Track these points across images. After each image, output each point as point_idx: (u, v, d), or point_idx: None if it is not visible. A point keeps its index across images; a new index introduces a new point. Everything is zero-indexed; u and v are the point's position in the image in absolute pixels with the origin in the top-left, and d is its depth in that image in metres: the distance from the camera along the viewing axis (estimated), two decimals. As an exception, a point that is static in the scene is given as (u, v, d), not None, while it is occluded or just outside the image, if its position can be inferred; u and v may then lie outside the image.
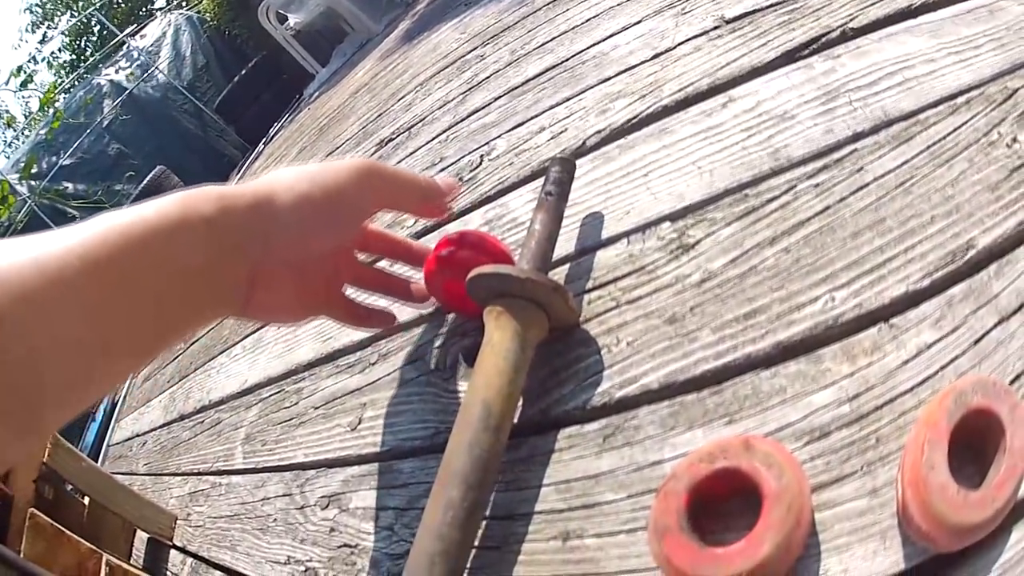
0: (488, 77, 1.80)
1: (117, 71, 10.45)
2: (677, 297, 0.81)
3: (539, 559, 0.72)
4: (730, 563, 0.53)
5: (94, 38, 16.14)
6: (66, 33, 16.38)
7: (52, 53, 16.32)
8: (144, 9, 15.32)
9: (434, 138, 1.74)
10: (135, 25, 12.31)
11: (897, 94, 0.84)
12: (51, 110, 10.22)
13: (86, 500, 1.64)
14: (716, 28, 1.17)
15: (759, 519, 0.54)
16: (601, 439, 0.75)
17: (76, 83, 11.88)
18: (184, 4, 12.39)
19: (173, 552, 1.57)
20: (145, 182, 6.73)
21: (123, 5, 15.29)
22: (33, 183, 8.35)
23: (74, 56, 16.47)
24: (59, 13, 17.09)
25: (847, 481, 0.58)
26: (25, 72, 12.45)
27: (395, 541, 0.90)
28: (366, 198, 0.84)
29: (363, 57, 4.34)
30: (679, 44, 1.21)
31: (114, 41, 11.61)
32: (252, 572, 1.18)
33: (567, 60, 1.49)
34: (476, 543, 0.77)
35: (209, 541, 1.39)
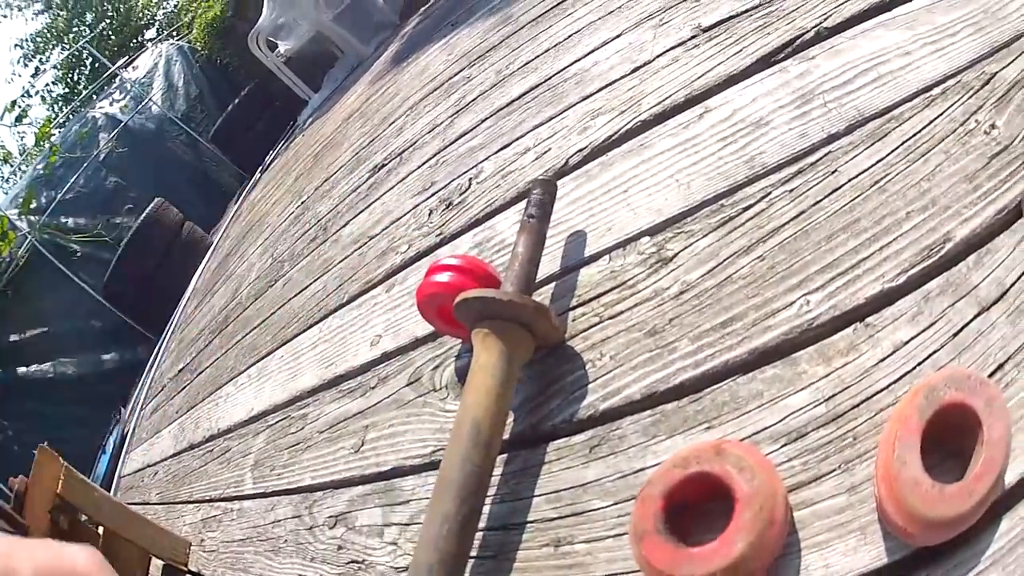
0: (475, 99, 1.82)
1: (111, 103, 10.45)
2: (656, 310, 0.83)
3: (533, 565, 0.75)
4: (706, 562, 0.54)
5: (86, 71, 16.14)
6: (58, 67, 16.37)
7: (45, 86, 16.34)
8: (135, 40, 15.32)
9: (424, 163, 1.76)
10: (127, 57, 12.30)
11: (872, 91, 0.85)
12: (47, 144, 10.22)
13: (100, 530, 1.62)
14: (693, 37, 1.19)
15: (731, 520, 0.55)
16: (588, 450, 0.77)
17: (70, 117, 11.88)
18: (175, 34, 12.41)
19: None
20: (144, 215, 6.73)
21: (114, 37, 15.30)
22: (32, 218, 8.34)
23: (67, 89, 16.48)
24: (50, 47, 17.08)
25: (825, 480, 0.59)
26: (19, 107, 12.40)
27: (400, 555, 0.92)
28: None
29: (354, 81, 4.39)
30: (657, 56, 1.23)
31: (107, 74, 11.58)
32: None
33: (550, 78, 1.51)
34: (474, 553, 0.79)
35: (223, 566, 1.41)
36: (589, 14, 1.61)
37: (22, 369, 6.79)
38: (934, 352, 0.61)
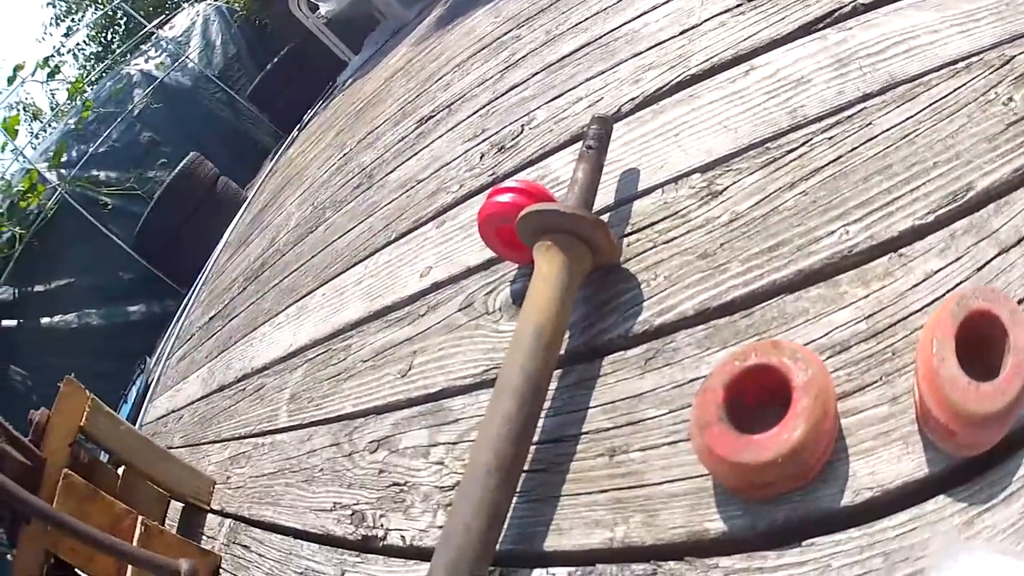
0: (525, 56, 1.85)
1: (147, 60, 10.40)
2: (708, 236, 0.89)
3: (587, 475, 0.79)
4: (767, 447, 0.59)
5: (120, 29, 15.96)
6: (91, 26, 16.18)
7: (77, 45, 16.17)
8: (171, 1, 15.15)
9: (474, 113, 1.79)
10: (163, 16, 12.18)
11: (903, 60, 0.90)
12: (79, 100, 10.10)
13: (120, 471, 1.66)
14: (739, 5, 1.23)
15: (789, 409, 0.60)
16: (643, 362, 0.83)
17: (104, 74, 11.75)
18: None
19: (210, 517, 1.62)
20: (179, 168, 6.69)
21: (149, -2, 15.19)
22: (63, 172, 8.28)
23: (100, 48, 16.30)
24: (83, 6, 16.86)
25: (868, 390, 0.65)
26: (51, 64, 12.28)
27: (446, 474, 0.97)
28: None
29: (396, 44, 4.37)
30: (704, 21, 1.27)
31: (142, 32, 11.45)
32: (295, 523, 1.24)
33: (601, 37, 1.54)
34: (526, 467, 0.83)
35: (250, 500, 1.45)
36: None
37: (46, 320, 6.75)
38: (961, 282, 0.67)
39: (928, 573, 0.52)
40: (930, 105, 0.83)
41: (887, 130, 0.84)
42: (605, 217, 1.04)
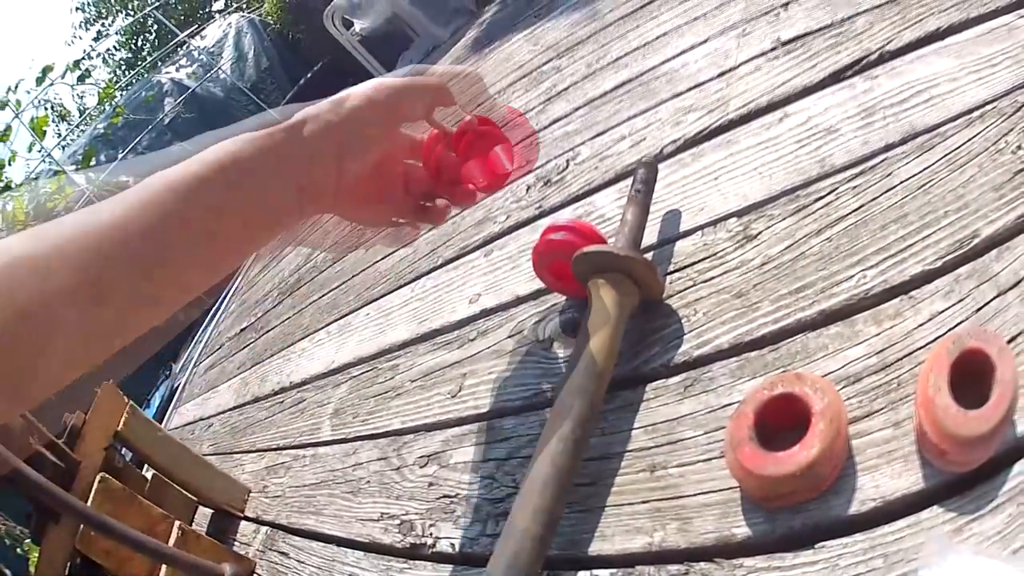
0: (567, 88, 1.91)
1: (178, 69, 10.44)
2: (742, 277, 0.97)
3: (630, 488, 0.88)
4: (788, 462, 0.69)
5: (151, 37, 15.97)
6: (121, 32, 16.19)
7: (108, 50, 16.20)
8: (202, 11, 15.13)
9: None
10: (195, 26, 12.18)
11: (924, 110, 0.98)
12: (110, 105, 10.11)
13: (149, 475, 1.72)
14: (773, 49, 1.31)
15: (808, 430, 0.70)
16: (682, 389, 0.92)
17: (134, 80, 11.75)
18: (244, 7, 12.29)
19: (243, 524, 1.69)
20: None
21: (181, 6, 15.17)
22: (91, 175, 8.25)
23: (130, 54, 16.31)
24: (114, 11, 16.85)
25: (876, 416, 0.73)
26: (81, 67, 12.28)
27: (496, 487, 1.04)
28: (378, 115, 0.93)
29: (431, 64, 4.28)
30: (741, 64, 1.36)
31: (174, 41, 11.47)
32: (339, 532, 1.31)
33: (641, 75, 1.62)
34: (575, 481, 0.91)
35: (289, 509, 1.51)
36: (675, 18, 1.72)
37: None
38: (961, 322, 0.74)
39: (921, 572, 0.59)
40: (945, 156, 0.90)
41: (905, 180, 0.91)
42: (650, 255, 1.12)
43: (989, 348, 0.66)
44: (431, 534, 1.09)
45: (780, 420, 0.76)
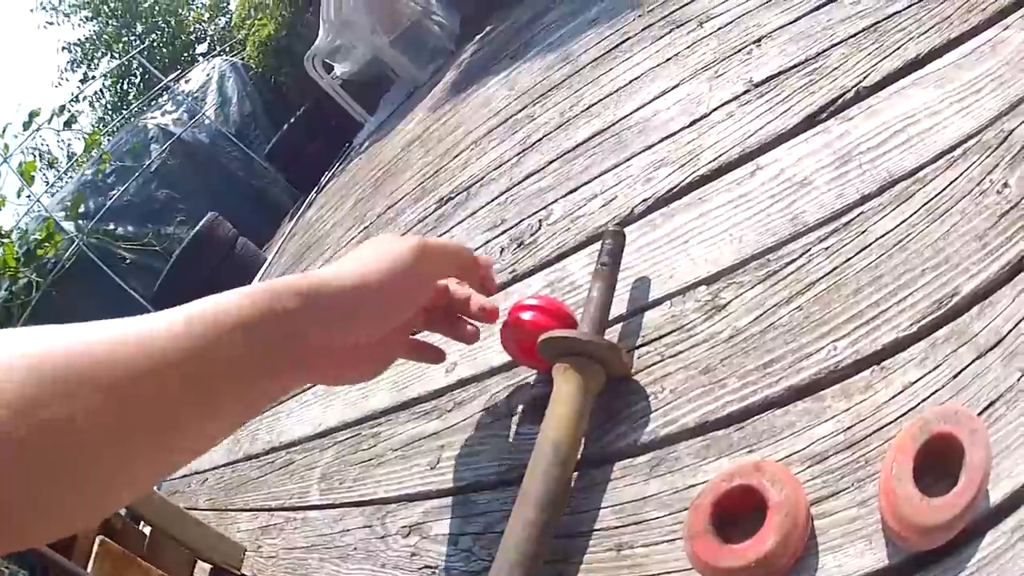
0: (540, 139, 1.91)
1: (163, 114, 10.53)
2: (710, 351, 0.95)
3: (597, 567, 0.86)
4: (743, 555, 0.68)
5: (136, 80, 16.14)
6: (107, 75, 16.34)
7: (95, 93, 16.33)
8: (186, 55, 15.28)
9: (493, 199, 1.86)
10: (179, 71, 12.28)
11: (901, 153, 0.96)
12: (96, 151, 10.16)
13: (147, 531, 1.67)
14: (746, 92, 1.30)
15: (764, 523, 0.68)
16: (648, 469, 0.89)
17: (120, 126, 11.82)
18: (227, 51, 12.39)
19: None
20: (198, 228, 6.74)
21: (165, 50, 15.33)
22: (80, 222, 8.36)
23: (116, 99, 16.47)
24: (99, 54, 17.01)
25: (841, 495, 0.71)
26: (68, 111, 12.29)
27: (473, 561, 1.02)
28: (426, 281, 0.92)
29: (411, 107, 4.46)
30: (713, 110, 1.34)
31: (159, 85, 11.56)
32: None
33: (613, 125, 1.61)
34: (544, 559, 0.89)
35: (283, 570, 1.48)
36: (647, 60, 1.73)
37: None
38: (936, 391, 0.71)
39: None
40: (924, 205, 0.88)
41: (881, 237, 0.89)
42: (619, 328, 1.10)
43: (959, 431, 0.62)
44: (416, 604, 1.06)
45: (740, 506, 0.74)
